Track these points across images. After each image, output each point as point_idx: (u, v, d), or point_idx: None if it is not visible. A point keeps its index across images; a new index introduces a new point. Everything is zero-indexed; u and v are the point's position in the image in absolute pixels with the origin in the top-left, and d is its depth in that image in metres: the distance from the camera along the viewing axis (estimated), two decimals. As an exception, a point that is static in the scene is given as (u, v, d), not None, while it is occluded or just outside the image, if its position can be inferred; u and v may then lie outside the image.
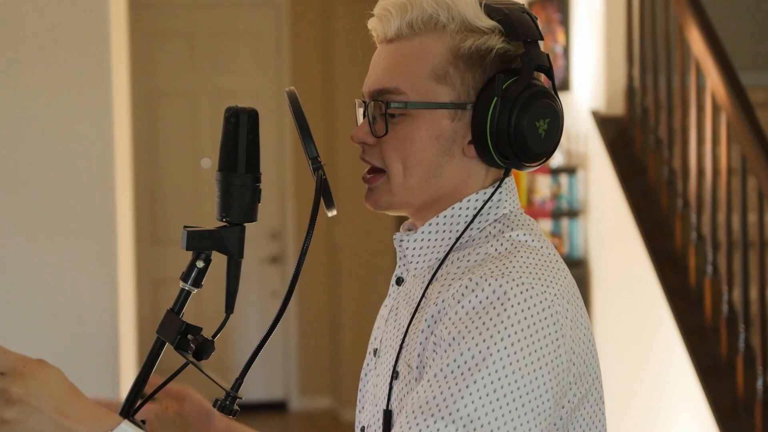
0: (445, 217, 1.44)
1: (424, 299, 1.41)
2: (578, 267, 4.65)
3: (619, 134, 4.52)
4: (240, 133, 1.38)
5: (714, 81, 3.80)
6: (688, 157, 4.08)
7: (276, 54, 7.23)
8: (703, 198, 4.01)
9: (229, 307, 1.41)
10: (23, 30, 3.99)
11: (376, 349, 1.51)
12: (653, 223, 4.22)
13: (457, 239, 1.42)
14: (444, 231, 1.44)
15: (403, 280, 1.49)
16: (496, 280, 1.32)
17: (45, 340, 4.00)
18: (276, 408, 7.31)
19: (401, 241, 1.46)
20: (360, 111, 1.48)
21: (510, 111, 1.39)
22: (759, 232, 3.57)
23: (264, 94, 7.08)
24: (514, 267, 1.34)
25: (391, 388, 1.40)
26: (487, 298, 1.31)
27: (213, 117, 7.04)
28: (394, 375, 1.40)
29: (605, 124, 4.55)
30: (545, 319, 1.32)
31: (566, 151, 4.83)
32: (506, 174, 1.45)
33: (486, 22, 1.41)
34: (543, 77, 1.46)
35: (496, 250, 1.38)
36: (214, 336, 1.43)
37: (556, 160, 4.79)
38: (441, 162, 1.42)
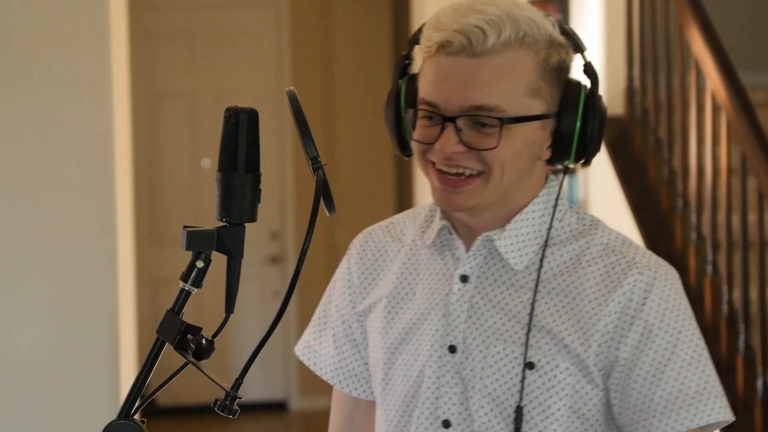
0: (527, 213, 1.57)
1: (539, 293, 1.52)
2: (578, 267, 4.64)
3: (619, 134, 4.52)
4: (240, 133, 1.38)
5: (714, 81, 3.80)
6: (688, 157, 4.08)
7: (276, 54, 7.22)
8: (703, 198, 4.01)
9: (229, 307, 1.41)
10: (23, 30, 3.99)
11: (453, 345, 1.55)
12: (653, 223, 4.22)
13: (548, 231, 1.57)
14: (532, 225, 1.56)
15: (468, 278, 1.56)
16: (661, 267, 1.54)
17: (45, 340, 4.00)
18: (276, 408, 7.31)
19: (491, 240, 1.56)
20: (424, 120, 1.52)
21: (593, 118, 1.53)
22: (759, 232, 3.57)
23: (264, 94, 7.08)
24: (648, 253, 1.56)
25: (524, 378, 1.49)
26: (670, 286, 1.53)
27: (213, 117, 7.04)
28: (529, 366, 1.49)
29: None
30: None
31: (566, 151, 4.83)
32: (566, 171, 1.60)
33: (562, 38, 1.53)
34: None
35: (608, 239, 1.58)
36: (214, 336, 1.43)
37: (556, 160, 4.79)
38: (530, 166, 1.54)
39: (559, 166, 1.60)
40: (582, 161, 1.57)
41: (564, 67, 1.53)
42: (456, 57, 1.47)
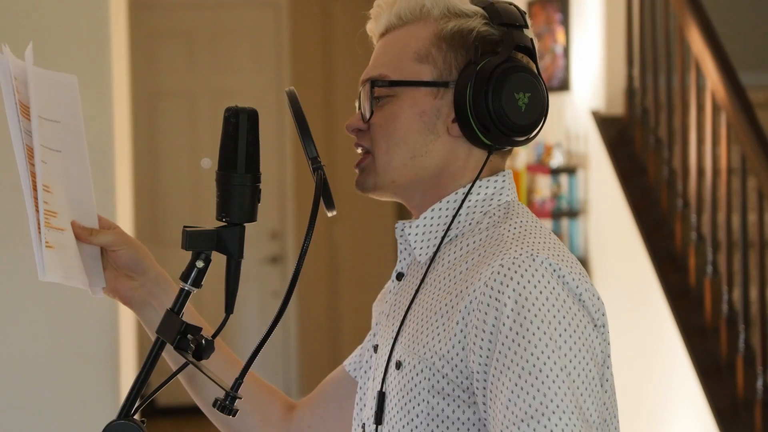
0: (448, 202, 1.45)
1: (423, 285, 1.42)
2: (578, 267, 4.64)
3: (619, 134, 4.52)
4: (240, 133, 1.38)
5: (714, 81, 3.81)
6: (688, 157, 4.08)
7: (276, 54, 7.23)
8: (703, 198, 4.01)
9: (229, 307, 1.41)
10: (23, 30, 3.99)
11: (377, 345, 1.51)
12: (653, 223, 4.22)
13: (452, 219, 1.43)
14: (447, 216, 1.45)
15: (403, 275, 1.49)
16: (525, 261, 1.32)
17: (45, 340, 4.00)
18: (276, 408, 7.30)
19: (403, 229, 1.47)
20: (356, 106, 1.51)
21: (487, 82, 1.40)
22: (759, 232, 3.57)
23: (264, 94, 7.08)
24: (530, 245, 1.35)
25: (386, 372, 1.40)
26: (528, 283, 1.31)
27: (213, 117, 7.04)
28: (397, 365, 1.39)
29: (605, 124, 4.55)
30: (568, 296, 1.32)
31: (566, 151, 4.83)
32: (491, 151, 1.44)
33: (469, 7, 1.45)
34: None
35: (507, 230, 1.39)
36: (214, 336, 1.44)
37: (556, 160, 4.79)
38: (426, 140, 1.44)
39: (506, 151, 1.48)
40: (506, 135, 1.41)
41: (465, 35, 1.43)
42: (376, 42, 1.51)
